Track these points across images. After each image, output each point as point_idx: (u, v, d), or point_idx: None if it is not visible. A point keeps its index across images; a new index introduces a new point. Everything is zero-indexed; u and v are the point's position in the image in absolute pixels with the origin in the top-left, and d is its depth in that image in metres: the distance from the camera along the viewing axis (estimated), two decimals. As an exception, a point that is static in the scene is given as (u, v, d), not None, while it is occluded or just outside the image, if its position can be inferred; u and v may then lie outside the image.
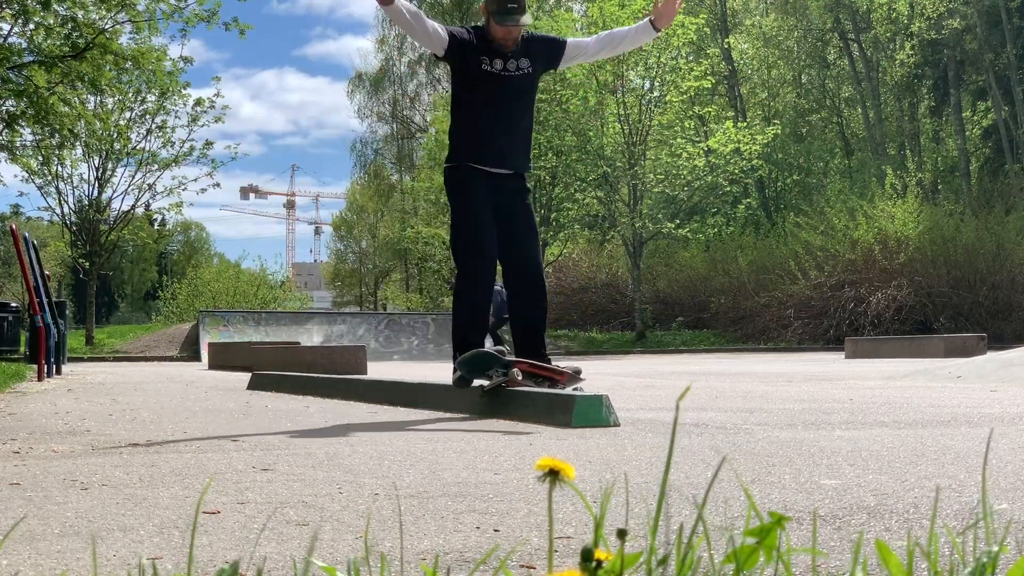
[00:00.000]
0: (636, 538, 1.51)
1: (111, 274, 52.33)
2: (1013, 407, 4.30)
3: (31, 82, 12.09)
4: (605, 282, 25.94)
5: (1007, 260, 21.14)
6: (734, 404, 4.67)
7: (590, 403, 3.56)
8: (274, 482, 2.23)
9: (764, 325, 22.03)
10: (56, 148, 17.16)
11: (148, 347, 19.44)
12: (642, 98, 21.96)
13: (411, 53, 44.07)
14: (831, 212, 23.14)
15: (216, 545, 1.53)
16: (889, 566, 0.92)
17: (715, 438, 3.11)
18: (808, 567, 1.29)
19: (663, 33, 21.07)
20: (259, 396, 5.94)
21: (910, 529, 1.60)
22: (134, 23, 13.46)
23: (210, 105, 20.50)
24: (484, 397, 4.22)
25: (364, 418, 4.13)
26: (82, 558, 1.45)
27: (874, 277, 21.11)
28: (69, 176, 20.57)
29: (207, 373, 10.81)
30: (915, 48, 30.55)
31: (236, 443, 3.14)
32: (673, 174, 21.62)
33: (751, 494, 1.95)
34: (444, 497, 1.99)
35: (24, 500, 2.01)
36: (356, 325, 20.40)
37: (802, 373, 8.77)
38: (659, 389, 6.24)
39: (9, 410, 4.74)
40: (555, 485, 0.89)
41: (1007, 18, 28.88)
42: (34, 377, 8.42)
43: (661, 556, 0.88)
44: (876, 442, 2.94)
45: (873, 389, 5.95)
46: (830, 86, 36.66)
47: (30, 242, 9.19)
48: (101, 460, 2.71)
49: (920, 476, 2.21)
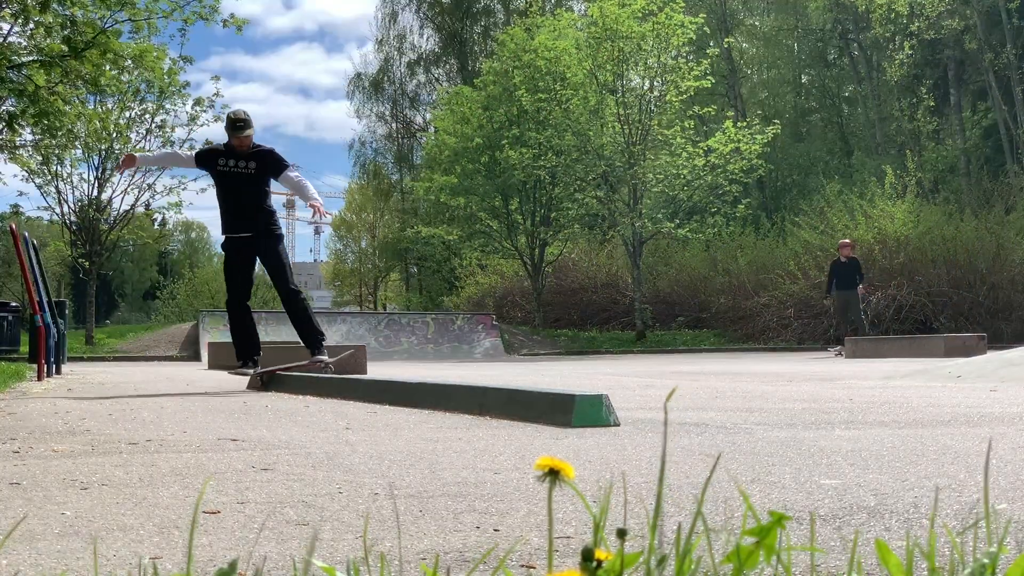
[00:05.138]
0: (636, 538, 1.51)
1: (111, 274, 52.32)
2: (1013, 407, 4.30)
3: (31, 81, 12.08)
4: (605, 282, 25.91)
5: (1007, 260, 21.13)
6: (734, 404, 4.67)
7: (590, 403, 3.56)
8: (274, 482, 2.23)
9: (764, 325, 22.02)
10: (56, 148, 17.15)
11: (148, 347, 19.43)
12: (642, 98, 21.95)
13: (411, 53, 44.07)
14: (831, 212, 23.13)
15: (216, 545, 1.53)
16: (889, 566, 0.92)
17: (715, 438, 3.11)
18: (808, 567, 1.29)
19: (662, 33, 21.12)
20: (259, 396, 5.94)
21: (910, 529, 1.60)
22: (133, 22, 13.46)
23: (209, 104, 20.51)
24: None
25: (364, 418, 4.13)
26: (82, 558, 1.45)
27: (874, 277, 21.09)
28: (69, 176, 20.55)
29: (207, 373, 10.81)
30: (915, 48, 30.54)
31: (236, 443, 3.14)
32: (673, 174, 21.61)
33: (751, 494, 1.95)
34: (444, 497, 1.99)
35: (24, 500, 2.01)
36: (356, 325, 20.41)
37: (802, 373, 8.77)
38: (659, 389, 6.24)
39: (9, 410, 4.74)
40: (555, 485, 0.89)
41: (1007, 18, 28.87)
42: (34, 377, 8.42)
43: (660, 556, 0.88)
44: (876, 442, 2.94)
45: (873, 389, 5.95)
46: (830, 86, 36.66)
47: (30, 242, 9.19)
48: (101, 460, 2.71)
49: (920, 476, 2.21)
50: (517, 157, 22.32)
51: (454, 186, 23.76)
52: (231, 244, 6.65)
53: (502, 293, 27.52)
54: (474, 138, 23.59)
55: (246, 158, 6.53)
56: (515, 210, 24.34)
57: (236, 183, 6.53)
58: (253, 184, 6.55)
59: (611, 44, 21.07)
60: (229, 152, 6.55)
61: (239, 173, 6.52)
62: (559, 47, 22.14)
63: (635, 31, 20.91)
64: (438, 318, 21.43)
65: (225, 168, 6.54)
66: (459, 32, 42.19)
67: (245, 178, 6.53)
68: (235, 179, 6.53)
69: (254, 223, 6.57)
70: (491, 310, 24.10)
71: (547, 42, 22.33)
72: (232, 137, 6.53)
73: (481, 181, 23.71)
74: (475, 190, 23.81)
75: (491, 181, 23.62)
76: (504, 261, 27.32)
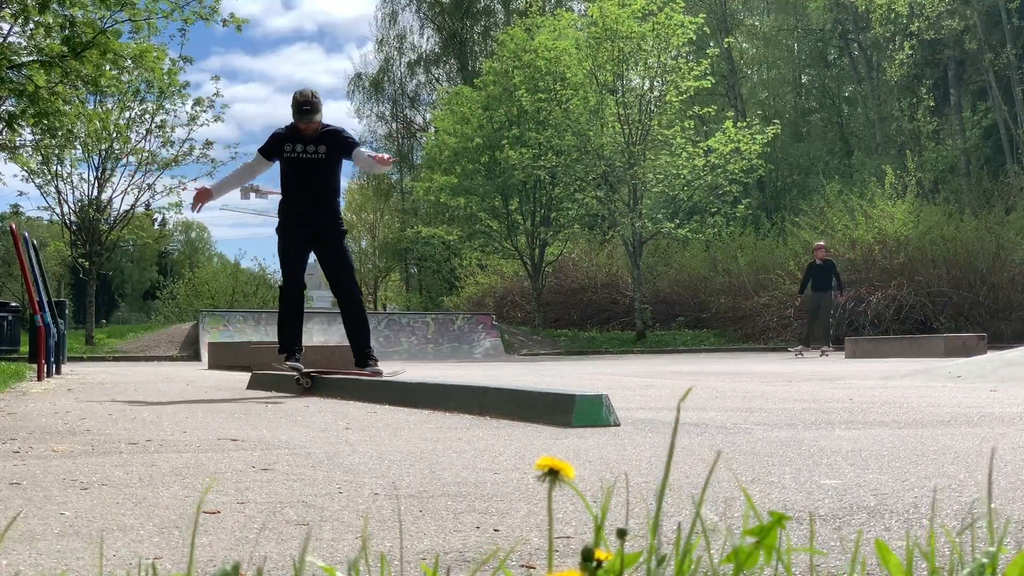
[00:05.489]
0: (636, 538, 1.51)
1: (111, 274, 52.32)
2: (1013, 407, 4.30)
3: (31, 81, 12.08)
4: (605, 282, 25.90)
5: (1007, 260, 21.12)
6: (734, 404, 4.67)
7: (590, 403, 3.56)
8: (274, 482, 2.23)
9: (764, 325, 22.02)
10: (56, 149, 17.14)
11: (148, 347, 19.43)
12: (642, 98, 21.95)
13: (411, 53, 44.08)
14: (831, 212, 23.13)
15: (216, 545, 1.53)
16: (889, 566, 0.92)
17: (715, 438, 3.11)
18: (808, 567, 1.29)
19: (662, 33, 21.11)
20: (259, 396, 5.94)
21: (910, 529, 1.60)
22: (133, 22, 13.45)
23: (209, 104, 20.50)
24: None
25: (364, 418, 4.13)
26: (82, 558, 1.45)
27: (874, 277, 21.09)
28: (69, 176, 20.53)
29: (207, 373, 10.81)
30: (915, 48, 30.54)
31: (236, 443, 3.14)
32: (673, 174, 21.61)
33: (751, 494, 1.95)
34: (444, 497, 1.99)
35: (24, 500, 2.01)
36: (356, 325, 20.38)
37: (802, 373, 8.77)
38: (659, 389, 6.24)
39: (9, 410, 4.73)
40: (555, 485, 0.89)
41: (1007, 18, 28.87)
42: (34, 377, 8.42)
43: (660, 556, 0.88)
44: (876, 442, 2.94)
45: (873, 389, 5.95)
46: (830, 86, 36.66)
47: (30, 242, 9.19)
48: (101, 460, 2.71)
49: (920, 476, 2.21)
50: (517, 157, 22.32)
51: (454, 186, 23.76)
52: (293, 231, 6.11)
53: (502, 293, 27.53)
54: (474, 138, 23.59)
55: (315, 141, 6.04)
56: (515, 210, 24.34)
57: (305, 169, 6.05)
58: (323, 169, 6.08)
59: (611, 44, 21.07)
60: (295, 135, 6.06)
61: (308, 159, 6.04)
62: (559, 47, 22.14)
63: (635, 31, 20.91)
64: (438, 318, 21.43)
65: (293, 154, 6.05)
66: (459, 32, 42.20)
67: (315, 163, 6.05)
68: (304, 165, 6.04)
69: (323, 212, 6.09)
70: (491, 310, 24.10)
71: (547, 42, 22.32)
72: (298, 122, 6.00)
73: (481, 181, 23.71)
74: (475, 190, 23.81)
75: (491, 181, 23.62)
76: (504, 261, 27.33)
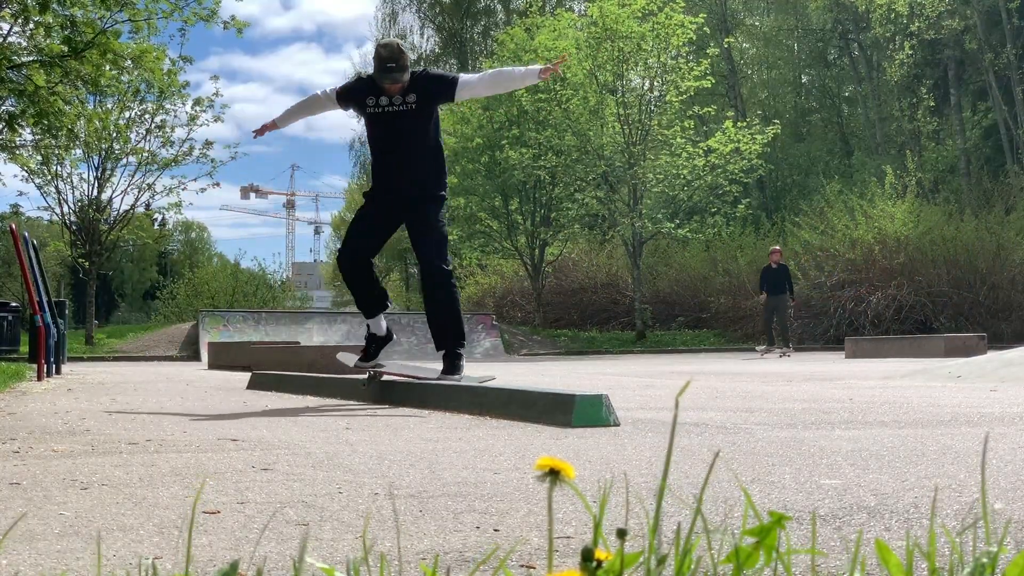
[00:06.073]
0: (636, 538, 1.51)
1: (111, 274, 52.33)
2: (1013, 407, 4.30)
3: (31, 81, 12.08)
4: (605, 282, 25.92)
5: (1007, 260, 21.14)
6: (734, 404, 4.67)
7: (590, 403, 3.56)
8: (274, 482, 2.23)
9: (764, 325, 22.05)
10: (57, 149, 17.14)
11: (148, 347, 19.43)
12: (642, 98, 21.96)
13: (411, 53, 44.03)
14: (831, 212, 23.14)
15: (216, 545, 1.53)
16: (889, 566, 0.92)
17: (715, 438, 3.11)
18: (808, 567, 1.29)
19: (662, 32, 21.12)
20: (259, 396, 5.94)
21: (910, 529, 1.60)
22: (133, 22, 13.45)
23: (209, 104, 20.50)
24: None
25: (364, 418, 4.13)
26: (82, 558, 1.45)
27: (874, 277, 21.10)
28: (69, 176, 20.54)
29: (207, 373, 10.80)
30: (915, 48, 30.54)
31: (236, 443, 3.14)
32: (673, 174, 21.62)
33: (751, 494, 1.95)
34: (444, 497, 1.99)
35: (24, 500, 2.01)
36: (357, 325, 20.39)
37: (802, 373, 8.77)
38: (659, 389, 6.24)
39: (9, 410, 4.73)
40: (555, 485, 0.89)
41: (1007, 18, 28.87)
42: (34, 377, 8.42)
43: (660, 556, 0.88)
44: (876, 442, 2.94)
45: (873, 389, 5.95)
46: (830, 86, 36.67)
47: (30, 242, 9.19)
48: (101, 460, 2.71)
49: (920, 476, 2.21)
50: (517, 157, 22.33)
51: (454, 186, 23.76)
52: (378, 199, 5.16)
53: (502, 293, 27.53)
54: (474, 138, 23.59)
55: (403, 92, 4.99)
56: (515, 210, 24.35)
57: (394, 123, 5.02)
58: (416, 120, 5.03)
59: (611, 44, 21.08)
60: (377, 89, 5.02)
61: (397, 112, 5.01)
62: (559, 47, 22.14)
63: (635, 31, 20.91)
64: (438, 318, 21.37)
65: (376, 109, 5.03)
66: (459, 32, 42.21)
67: (407, 115, 5.02)
68: (392, 119, 5.02)
69: (420, 175, 5.08)
70: (491, 310, 24.10)
71: (547, 42, 22.33)
72: (381, 80, 4.95)
73: (481, 181, 23.72)
74: (475, 190, 23.81)
75: (491, 181, 23.63)
76: (504, 261, 27.33)
